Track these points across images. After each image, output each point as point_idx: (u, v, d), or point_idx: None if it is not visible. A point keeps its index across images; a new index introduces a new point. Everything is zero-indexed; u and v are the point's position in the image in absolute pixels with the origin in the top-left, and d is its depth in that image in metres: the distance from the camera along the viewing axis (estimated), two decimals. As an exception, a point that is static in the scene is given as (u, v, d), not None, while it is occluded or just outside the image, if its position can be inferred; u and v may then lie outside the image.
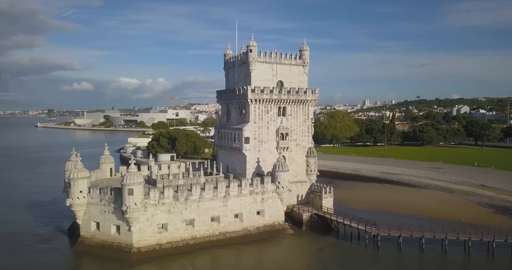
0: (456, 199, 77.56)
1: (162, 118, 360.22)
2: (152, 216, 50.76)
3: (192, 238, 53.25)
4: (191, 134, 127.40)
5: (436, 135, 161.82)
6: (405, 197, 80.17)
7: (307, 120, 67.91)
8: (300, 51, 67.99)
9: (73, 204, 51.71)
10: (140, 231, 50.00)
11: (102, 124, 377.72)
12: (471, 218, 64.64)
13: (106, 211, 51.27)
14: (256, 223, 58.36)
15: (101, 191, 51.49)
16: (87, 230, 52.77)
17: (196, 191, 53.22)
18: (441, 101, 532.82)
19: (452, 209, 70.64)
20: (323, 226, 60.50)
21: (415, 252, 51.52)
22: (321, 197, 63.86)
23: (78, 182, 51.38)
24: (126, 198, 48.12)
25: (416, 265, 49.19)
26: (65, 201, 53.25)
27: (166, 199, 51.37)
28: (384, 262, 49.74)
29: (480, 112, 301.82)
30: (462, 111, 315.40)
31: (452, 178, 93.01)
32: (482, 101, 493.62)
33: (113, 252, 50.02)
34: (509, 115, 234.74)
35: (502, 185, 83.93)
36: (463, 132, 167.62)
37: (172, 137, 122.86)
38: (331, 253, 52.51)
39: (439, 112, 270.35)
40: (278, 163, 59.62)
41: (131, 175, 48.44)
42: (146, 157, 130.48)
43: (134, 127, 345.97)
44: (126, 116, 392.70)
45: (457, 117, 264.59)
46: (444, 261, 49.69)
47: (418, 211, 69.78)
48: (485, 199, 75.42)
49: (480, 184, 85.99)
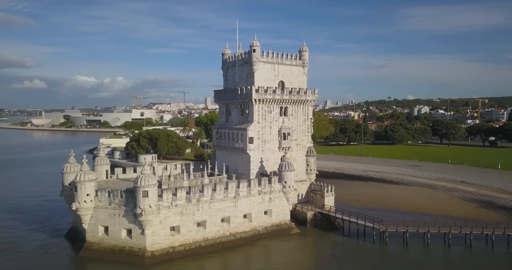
0: (440, 195, 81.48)
1: (127, 118, 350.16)
2: (165, 218, 49.65)
3: (204, 240, 52.58)
4: (172, 134, 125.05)
5: (406, 134, 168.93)
6: (393, 194, 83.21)
7: (306, 120, 68.97)
8: (300, 52, 68.86)
9: (80, 208, 49.46)
10: (153, 234, 48.76)
11: (63, 125, 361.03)
12: (460, 213, 68.29)
13: (116, 214, 49.47)
14: (264, 223, 58.55)
15: (110, 194, 49.64)
16: (94, 235, 50.65)
17: (208, 192, 52.61)
18: (399, 101, 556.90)
19: (440, 204, 74.24)
20: (327, 224, 61.69)
21: (421, 246, 53.81)
22: (323, 196, 64.99)
23: (85, 185, 49.25)
24: (140, 200, 46.73)
25: (423, 258, 51.27)
26: (65, 205, 50.97)
27: (179, 201, 50.42)
28: (396, 258, 51.48)
29: (439, 112, 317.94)
30: (422, 111, 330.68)
31: (432, 175, 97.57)
32: (437, 101, 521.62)
33: (125, 257, 48.40)
34: (472, 114, 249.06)
35: (480, 181, 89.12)
36: (430, 131, 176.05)
37: (153, 138, 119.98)
38: (344, 250, 53.65)
39: (403, 112, 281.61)
40: (284, 162, 60.12)
41: (145, 176, 47.09)
42: (124, 158, 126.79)
43: (98, 127, 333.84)
44: (88, 116, 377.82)
45: (418, 117, 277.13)
46: (448, 254, 52.35)
47: (410, 207, 72.75)
48: (467, 195, 79.81)
49: (459, 181, 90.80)
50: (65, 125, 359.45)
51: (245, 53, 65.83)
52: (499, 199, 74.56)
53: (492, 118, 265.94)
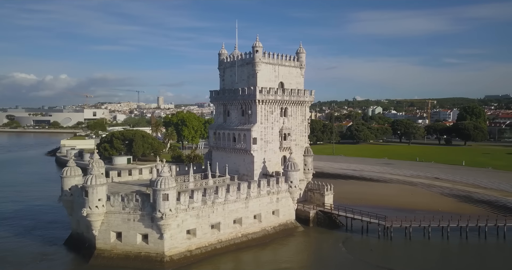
0: (421, 191, 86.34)
1: (79, 118, 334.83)
2: (182, 221, 48.54)
3: (218, 242, 52.03)
4: (146, 135, 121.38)
5: (370, 134, 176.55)
6: (377, 191, 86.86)
7: (304, 120, 70.22)
8: (297, 54, 69.95)
9: (91, 214, 46.97)
10: (171, 238, 47.47)
11: (6, 125, 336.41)
12: (444, 207, 72.79)
13: (130, 219, 47.53)
14: (272, 223, 58.97)
15: (124, 198, 47.62)
16: (105, 242, 48.29)
17: (222, 193, 52.10)
18: (350, 102, 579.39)
19: (424, 200, 78.72)
20: (329, 222, 63.28)
21: (424, 240, 56.92)
22: (322, 195, 66.52)
23: (97, 190, 46.88)
24: (161, 204, 45.33)
25: (427, 250, 54.29)
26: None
27: (195, 203, 49.52)
28: (405, 251, 54.16)
29: (392, 112, 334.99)
30: (376, 112, 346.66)
31: (407, 172, 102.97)
32: (385, 102, 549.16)
33: (142, 263, 46.69)
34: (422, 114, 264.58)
35: (452, 177, 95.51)
36: (390, 130, 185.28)
37: (127, 138, 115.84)
38: (354, 246, 55.32)
39: (359, 113, 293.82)
40: (289, 162, 60.91)
41: (165, 179, 45.76)
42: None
43: (47, 128, 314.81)
44: (36, 116, 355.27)
45: (374, 117, 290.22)
46: (448, 245, 55.88)
47: (398, 203, 76.27)
48: (446, 190, 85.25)
49: (434, 177, 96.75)
50: (8, 125, 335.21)
51: (246, 53, 65.77)
52: (475, 194, 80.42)
53: (440, 118, 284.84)
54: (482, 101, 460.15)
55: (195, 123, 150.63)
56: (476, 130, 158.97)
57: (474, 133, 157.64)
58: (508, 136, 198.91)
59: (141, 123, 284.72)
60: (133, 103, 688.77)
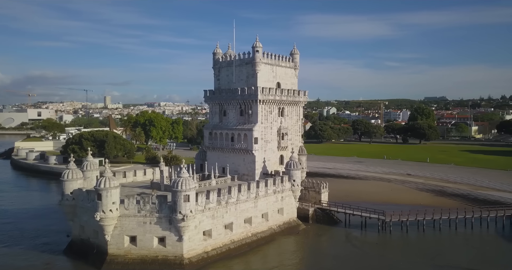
0: (397, 187, 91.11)
1: (23, 118, 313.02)
2: (199, 223, 47.81)
3: (231, 242, 51.82)
4: (118, 136, 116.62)
5: (332, 133, 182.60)
6: (358, 187, 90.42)
7: (298, 120, 71.63)
8: (291, 55, 71.18)
9: (105, 219, 44.80)
10: (189, 240, 46.60)
11: None
12: (425, 202, 77.41)
13: (146, 222, 45.97)
14: (278, 221, 59.68)
15: (138, 201, 45.95)
16: (118, 247, 46.29)
17: (234, 193, 51.94)
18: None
19: (405, 195, 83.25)
20: (328, 219, 65.16)
21: (419, 232, 60.50)
22: (318, 192, 68.25)
23: (111, 193, 44.87)
24: (182, 205, 44.37)
25: (424, 241, 57.85)
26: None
27: (211, 204, 48.98)
28: (407, 244, 57.24)
29: (346, 113, 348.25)
30: (330, 112, 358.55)
31: (379, 170, 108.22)
32: (334, 103, 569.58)
33: (159, 267, 45.42)
34: (374, 115, 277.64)
35: (423, 173, 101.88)
36: (351, 130, 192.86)
37: (97, 140, 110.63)
38: (359, 241, 57.56)
39: (316, 113, 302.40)
40: (291, 161, 61.95)
41: (185, 180, 44.84)
42: (62, 163, 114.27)
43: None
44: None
45: (329, 117, 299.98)
46: (443, 236, 59.87)
47: (381, 199, 79.89)
48: (420, 185, 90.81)
49: (406, 173, 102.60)
50: None
51: (244, 53, 65.84)
52: (447, 188, 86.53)
53: (391, 118, 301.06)
54: (423, 102, 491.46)
55: (163, 123, 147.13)
56: (430, 129, 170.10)
57: (428, 132, 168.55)
58: (454, 134, 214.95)
59: (93, 123, 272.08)
60: (77, 102, 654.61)
